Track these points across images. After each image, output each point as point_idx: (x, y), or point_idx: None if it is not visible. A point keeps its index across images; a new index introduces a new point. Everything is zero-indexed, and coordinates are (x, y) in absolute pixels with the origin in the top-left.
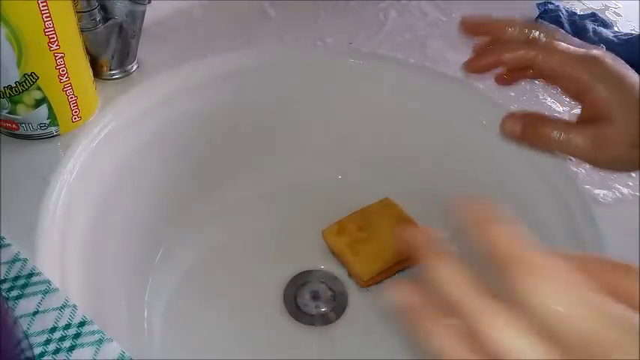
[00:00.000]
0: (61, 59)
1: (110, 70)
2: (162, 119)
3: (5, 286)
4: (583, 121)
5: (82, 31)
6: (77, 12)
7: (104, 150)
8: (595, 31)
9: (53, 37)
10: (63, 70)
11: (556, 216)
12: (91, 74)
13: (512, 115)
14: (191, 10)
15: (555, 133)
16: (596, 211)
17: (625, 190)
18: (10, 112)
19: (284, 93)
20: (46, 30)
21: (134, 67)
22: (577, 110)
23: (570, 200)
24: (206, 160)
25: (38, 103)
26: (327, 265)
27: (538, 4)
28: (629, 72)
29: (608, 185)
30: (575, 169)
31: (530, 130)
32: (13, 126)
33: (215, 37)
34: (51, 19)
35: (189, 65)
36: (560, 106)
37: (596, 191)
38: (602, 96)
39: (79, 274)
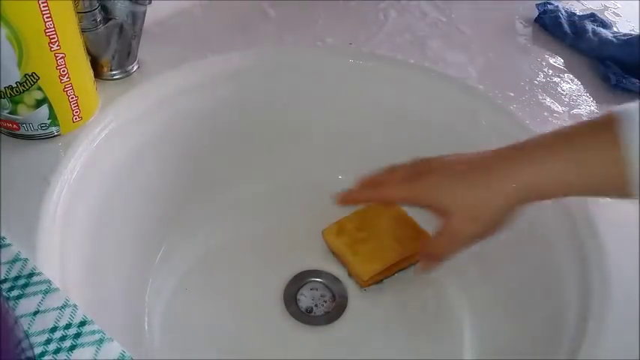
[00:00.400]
0: (62, 59)
1: (111, 70)
2: (163, 119)
3: (6, 285)
4: (440, 226)
5: (82, 31)
6: (78, 12)
7: (105, 150)
8: (594, 32)
9: (54, 38)
10: (64, 71)
11: (554, 215)
12: (92, 74)
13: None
14: (191, 10)
15: (439, 249)
16: (595, 210)
17: None
18: (10, 113)
19: (284, 93)
20: (46, 30)
21: (135, 68)
22: (575, 110)
23: (569, 199)
24: (206, 160)
25: (39, 104)
26: (326, 265)
27: (537, 5)
28: (449, 165)
29: None
30: None
31: (432, 261)
32: (14, 126)
33: (215, 38)
34: (51, 20)
35: (189, 65)
36: (560, 106)
37: None
38: (432, 204)
39: (80, 274)
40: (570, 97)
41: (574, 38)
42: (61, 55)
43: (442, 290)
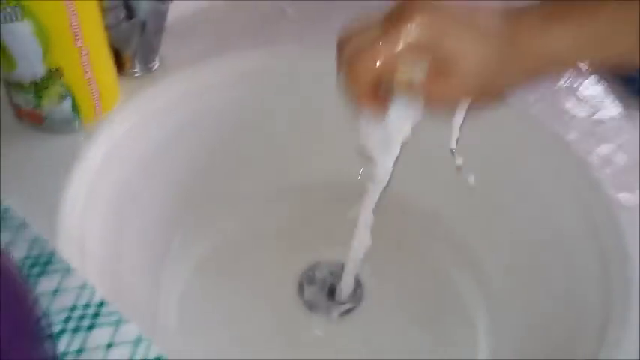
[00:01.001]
0: (86, 55)
1: (132, 66)
2: (183, 115)
3: (28, 262)
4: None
5: (105, 28)
6: (101, 10)
7: (125, 144)
8: None
9: (78, 34)
10: (87, 66)
11: (578, 219)
12: (114, 70)
13: None
14: (213, 8)
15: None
16: (619, 214)
17: None
18: (34, 106)
19: (305, 91)
20: (71, 26)
21: (156, 64)
22: (598, 114)
23: (593, 204)
24: (226, 156)
25: (62, 98)
26: (344, 257)
27: None
28: (453, 10)
29: (632, 188)
30: (597, 174)
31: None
32: (38, 119)
33: (236, 36)
34: (76, 16)
35: (210, 63)
36: (582, 110)
37: (620, 195)
38: (436, 48)
39: (99, 258)
40: (594, 99)
41: None
42: (85, 51)
43: (461, 291)
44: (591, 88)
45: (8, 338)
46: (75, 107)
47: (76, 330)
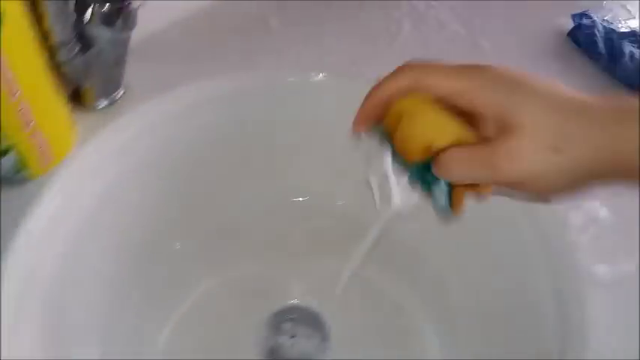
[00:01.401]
0: (25, 106)
1: (94, 100)
2: (147, 150)
3: None
4: (489, 138)
5: (60, 63)
6: (53, 44)
7: (79, 190)
8: (632, 56)
9: (13, 88)
10: (28, 117)
11: (545, 293)
12: (65, 112)
13: None
14: (187, 23)
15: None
16: (590, 291)
17: (630, 267)
18: None
19: (279, 118)
20: (5, 80)
21: (120, 94)
22: None
23: (562, 276)
24: (191, 195)
25: (3, 153)
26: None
27: (573, 16)
28: (527, 75)
29: (613, 258)
30: (575, 239)
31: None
32: None
33: (210, 54)
34: (9, 70)
35: (178, 90)
36: None
37: (596, 266)
38: (499, 103)
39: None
40: None
41: (609, 61)
42: (24, 103)
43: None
44: None
45: None
46: (19, 161)
47: None
